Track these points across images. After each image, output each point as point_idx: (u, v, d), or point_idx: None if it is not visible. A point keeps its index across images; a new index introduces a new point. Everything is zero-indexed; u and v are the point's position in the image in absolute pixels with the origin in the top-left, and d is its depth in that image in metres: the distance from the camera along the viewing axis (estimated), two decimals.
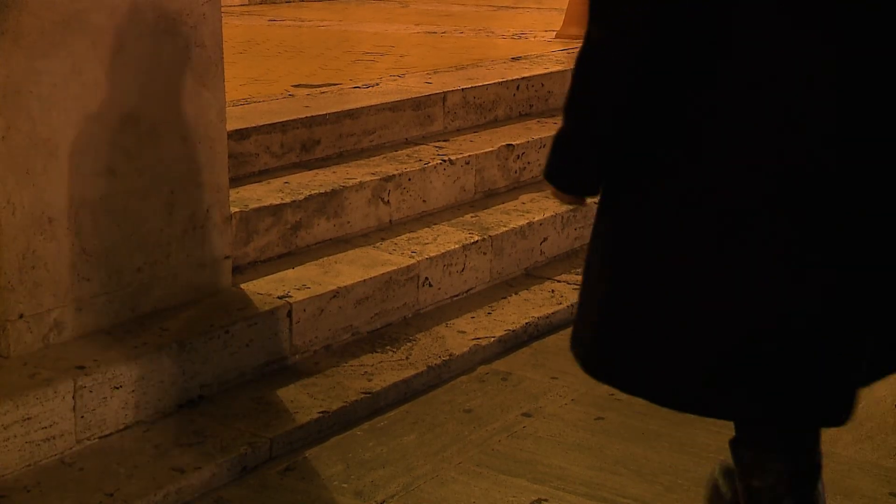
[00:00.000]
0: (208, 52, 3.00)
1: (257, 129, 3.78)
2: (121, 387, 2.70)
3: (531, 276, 3.97)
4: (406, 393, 3.12)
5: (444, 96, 4.49)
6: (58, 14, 2.63)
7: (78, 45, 2.69)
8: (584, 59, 1.75)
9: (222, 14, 3.08)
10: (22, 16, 2.56)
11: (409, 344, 3.35)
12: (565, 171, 1.84)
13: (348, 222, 3.71)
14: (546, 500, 2.61)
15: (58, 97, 2.66)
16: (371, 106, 4.21)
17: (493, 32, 6.78)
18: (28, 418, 2.52)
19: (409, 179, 3.91)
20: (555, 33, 6.42)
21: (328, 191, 3.64)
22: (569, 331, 3.59)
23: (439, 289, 3.64)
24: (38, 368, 2.64)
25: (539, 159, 4.54)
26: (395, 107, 4.29)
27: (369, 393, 3.02)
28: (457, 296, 3.71)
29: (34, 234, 2.67)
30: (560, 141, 1.82)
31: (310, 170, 3.85)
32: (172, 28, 2.90)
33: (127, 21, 2.78)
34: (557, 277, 3.97)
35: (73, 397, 2.61)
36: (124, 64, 2.80)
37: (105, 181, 2.80)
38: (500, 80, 4.81)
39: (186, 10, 2.92)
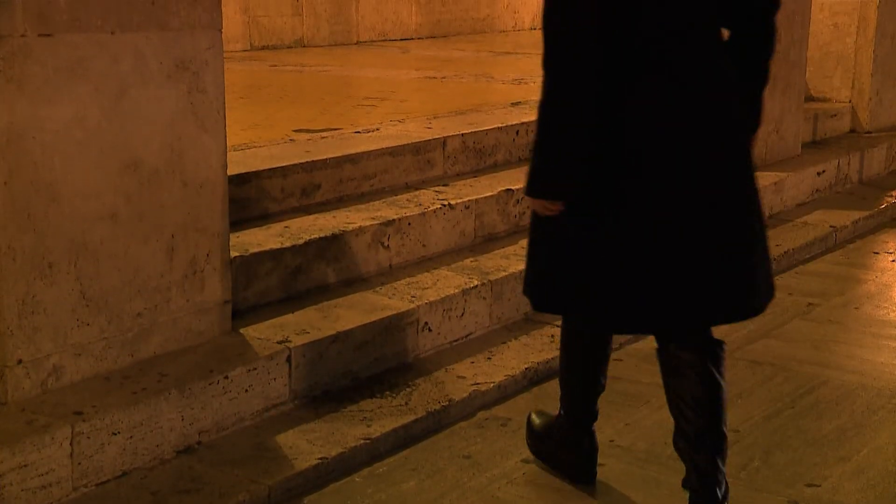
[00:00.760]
0: (210, 98, 3.03)
1: (258, 174, 3.80)
2: (119, 433, 2.69)
3: (531, 320, 3.96)
4: (405, 439, 3.10)
5: (444, 141, 4.51)
6: (62, 61, 2.65)
7: (81, 92, 2.70)
8: (553, 103, 2.39)
9: (224, 59, 3.10)
10: (27, 63, 2.58)
11: (408, 389, 3.34)
12: (555, 184, 2.44)
13: (348, 267, 3.72)
14: None
15: (60, 143, 2.68)
16: (371, 151, 4.23)
17: (493, 78, 6.83)
18: (24, 465, 2.50)
19: (409, 224, 3.92)
20: None
21: (328, 235, 3.65)
22: None
23: (439, 333, 3.63)
24: (35, 414, 2.63)
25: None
26: (395, 152, 4.31)
27: (368, 439, 3.01)
28: (456, 340, 3.70)
29: (34, 278, 2.67)
30: (544, 163, 2.43)
31: (310, 214, 3.86)
32: (175, 74, 2.92)
33: (130, 67, 2.80)
34: (557, 322, 3.94)
35: (71, 444, 2.59)
36: (127, 109, 2.82)
37: (106, 226, 2.81)
38: (500, 125, 4.84)
39: (189, 57, 2.95)
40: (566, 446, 2.89)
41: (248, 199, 3.74)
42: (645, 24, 2.39)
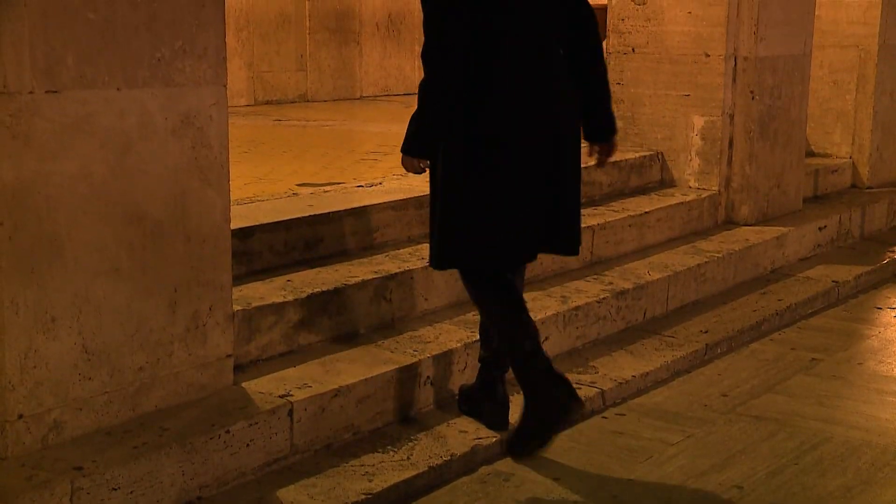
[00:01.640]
0: (214, 153, 3.05)
1: (261, 228, 3.81)
2: (119, 488, 2.67)
3: None
4: (407, 493, 3.08)
5: None
6: (68, 117, 2.68)
7: (87, 147, 2.73)
8: (426, 85, 3.14)
9: (229, 114, 3.13)
10: (34, 119, 2.61)
11: (410, 443, 3.32)
12: (420, 145, 3.19)
13: (350, 320, 3.72)
14: None
15: (65, 197, 2.70)
16: (374, 205, 4.25)
17: None
18: None
19: (412, 278, 3.93)
20: None
21: (331, 289, 3.65)
22: (573, 431, 3.56)
23: (441, 388, 3.62)
24: (35, 470, 2.61)
25: (541, 258, 4.56)
26: (397, 206, 4.33)
27: (370, 494, 2.98)
28: (459, 395, 3.69)
29: (36, 333, 2.67)
30: (417, 129, 3.18)
31: (312, 268, 3.87)
32: (180, 129, 2.95)
33: (135, 123, 2.83)
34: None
35: (71, 499, 2.58)
36: (131, 164, 2.84)
37: (109, 280, 2.82)
38: None
39: (194, 112, 2.98)
40: (485, 395, 3.47)
41: (251, 252, 3.76)
42: (499, 31, 3.14)
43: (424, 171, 3.25)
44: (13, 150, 2.58)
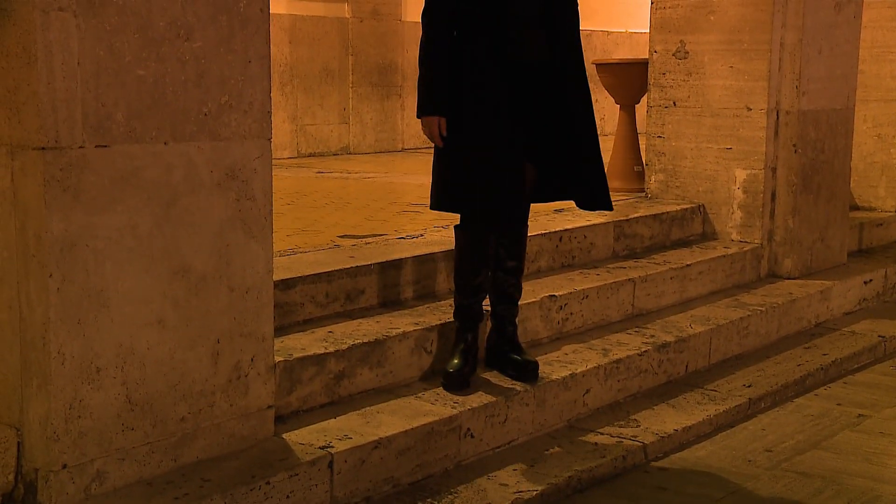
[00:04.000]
0: (258, 206, 3.09)
1: (303, 279, 3.84)
2: None
3: (574, 427, 3.93)
4: None
5: None
6: (116, 171, 2.73)
7: (134, 200, 2.78)
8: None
9: (272, 167, 3.18)
10: (84, 174, 2.66)
11: (450, 496, 3.30)
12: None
13: (391, 372, 3.72)
14: None
15: (112, 250, 2.74)
16: (415, 256, 4.27)
17: None
18: None
19: (453, 330, 3.93)
20: None
21: (371, 340, 3.67)
22: (614, 485, 3.54)
23: (481, 440, 3.61)
24: None
25: (582, 311, 4.55)
26: (439, 257, 4.35)
27: None
28: (499, 447, 3.67)
29: (82, 383, 2.71)
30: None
31: (353, 319, 3.89)
32: (225, 182, 2.99)
33: (182, 177, 2.88)
34: (601, 430, 3.92)
35: None
36: (177, 217, 2.88)
37: (153, 331, 2.85)
38: (543, 231, 4.87)
39: (239, 166, 3.02)
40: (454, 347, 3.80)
41: (293, 303, 3.79)
42: None
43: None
44: (63, 204, 2.63)
